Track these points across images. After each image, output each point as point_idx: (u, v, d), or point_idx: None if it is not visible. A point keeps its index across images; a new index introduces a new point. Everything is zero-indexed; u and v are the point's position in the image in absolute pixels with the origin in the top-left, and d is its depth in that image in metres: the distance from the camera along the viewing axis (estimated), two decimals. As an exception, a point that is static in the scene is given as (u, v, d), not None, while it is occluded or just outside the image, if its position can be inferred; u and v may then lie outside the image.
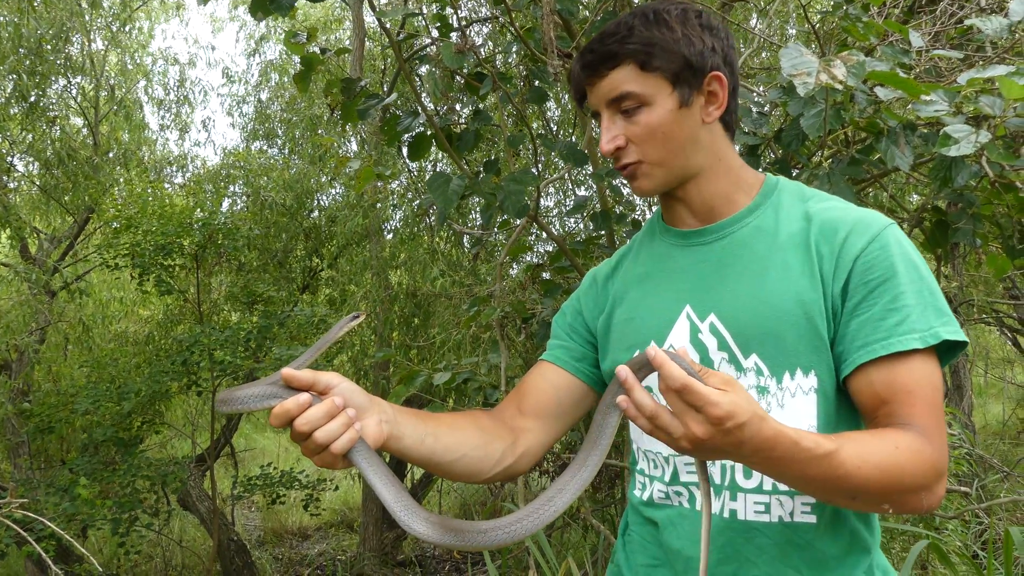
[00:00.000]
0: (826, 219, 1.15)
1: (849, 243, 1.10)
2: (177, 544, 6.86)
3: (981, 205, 2.11)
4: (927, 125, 1.90)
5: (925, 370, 1.05)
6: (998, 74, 1.57)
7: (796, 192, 1.23)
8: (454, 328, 5.28)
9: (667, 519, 1.20)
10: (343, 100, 2.66)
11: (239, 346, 5.52)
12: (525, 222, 2.87)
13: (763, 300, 1.13)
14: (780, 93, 2.15)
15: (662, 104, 1.15)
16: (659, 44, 1.14)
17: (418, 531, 1.01)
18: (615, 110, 1.17)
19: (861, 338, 1.07)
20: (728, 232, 1.21)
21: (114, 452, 5.50)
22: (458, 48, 2.10)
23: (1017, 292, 5.71)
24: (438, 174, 2.22)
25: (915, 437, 1.01)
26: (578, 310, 1.38)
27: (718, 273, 1.19)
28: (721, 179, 1.22)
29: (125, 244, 5.64)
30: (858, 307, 1.08)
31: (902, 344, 1.04)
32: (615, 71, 1.15)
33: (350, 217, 6.46)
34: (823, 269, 1.11)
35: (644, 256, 1.32)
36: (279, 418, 0.99)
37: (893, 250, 1.09)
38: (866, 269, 1.08)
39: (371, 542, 6.37)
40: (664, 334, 1.21)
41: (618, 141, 1.17)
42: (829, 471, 0.94)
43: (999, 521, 4.17)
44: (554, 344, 1.38)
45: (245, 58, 10.12)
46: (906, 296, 1.06)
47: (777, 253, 1.15)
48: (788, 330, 1.11)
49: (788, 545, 1.11)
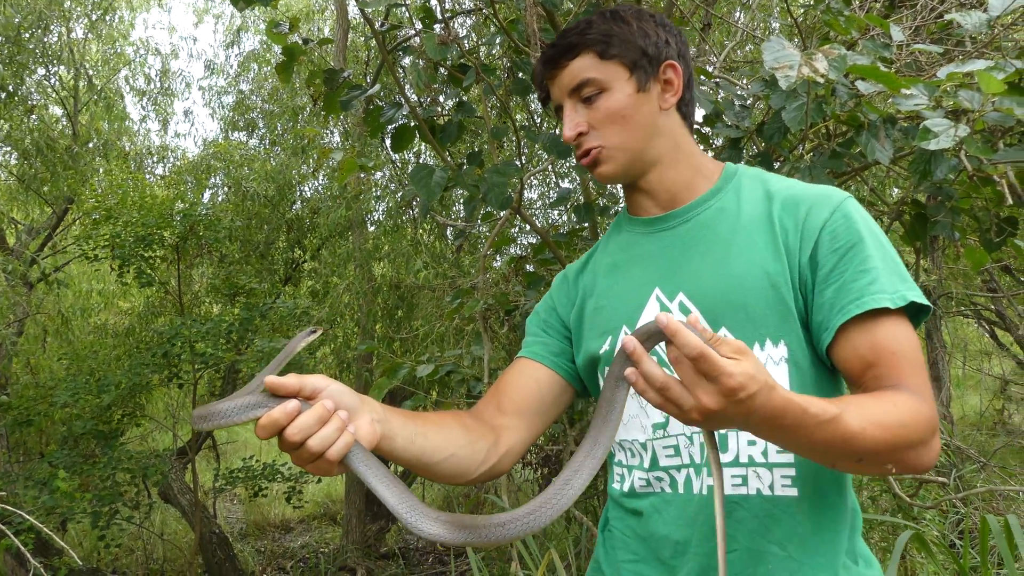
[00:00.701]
0: (788, 195, 1.19)
1: (813, 215, 1.14)
2: (158, 537, 6.81)
3: (960, 198, 2.13)
4: (907, 119, 1.91)
5: (901, 331, 1.08)
6: (977, 68, 1.58)
7: (756, 175, 1.27)
8: (437, 320, 5.28)
9: (651, 507, 1.20)
10: (325, 91, 2.64)
11: (220, 338, 5.49)
12: (508, 214, 2.87)
13: (728, 274, 1.16)
14: (762, 86, 2.16)
15: (620, 89, 1.21)
16: (616, 35, 1.21)
17: (428, 532, 0.95)
18: (576, 99, 1.22)
19: (838, 303, 1.10)
20: (692, 215, 1.25)
21: (94, 445, 5.45)
22: (441, 40, 2.09)
23: (995, 285, 5.77)
24: (421, 166, 2.21)
25: (909, 396, 1.03)
26: (552, 307, 1.39)
27: (684, 254, 1.22)
28: (681, 166, 1.26)
29: (105, 235, 5.59)
30: (830, 275, 1.11)
31: (875, 302, 1.07)
32: (575, 61, 1.21)
33: (333, 209, 6.43)
34: (788, 242, 1.15)
35: (611, 247, 1.35)
36: (266, 429, 0.93)
37: (856, 219, 1.13)
38: (832, 238, 1.12)
39: (354, 534, 6.36)
40: (635, 317, 1.23)
41: (580, 127, 1.22)
42: (836, 435, 0.94)
43: (975, 511, 4.23)
44: (531, 341, 1.38)
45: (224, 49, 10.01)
46: (873, 260, 1.10)
47: (741, 231, 1.19)
48: (755, 301, 1.13)
49: (768, 519, 1.12)
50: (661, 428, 1.20)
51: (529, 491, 6.29)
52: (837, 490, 1.15)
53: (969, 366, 10.11)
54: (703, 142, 2.68)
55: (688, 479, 1.17)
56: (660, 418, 1.20)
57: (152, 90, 9.21)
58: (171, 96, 9.54)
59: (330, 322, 6.53)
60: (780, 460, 1.13)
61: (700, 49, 3.60)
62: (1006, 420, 8.22)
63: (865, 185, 3.17)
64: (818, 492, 1.13)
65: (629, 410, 1.23)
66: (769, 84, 2.07)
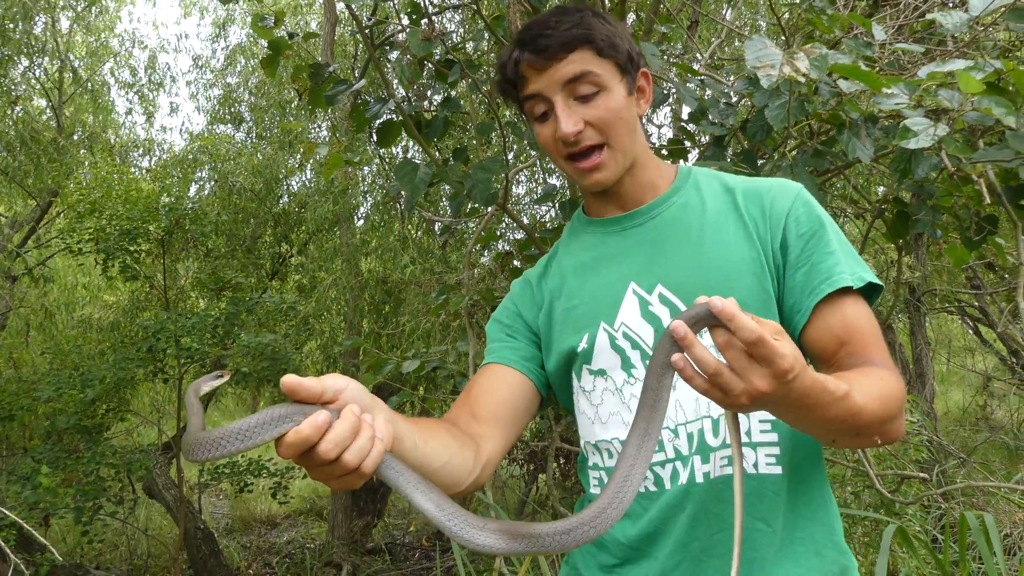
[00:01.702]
0: (747, 186, 1.25)
1: (776, 203, 1.20)
2: (143, 533, 6.78)
3: (941, 197, 2.15)
4: (888, 117, 1.93)
5: (863, 309, 1.15)
6: (957, 68, 1.60)
7: (709, 173, 1.32)
8: (424, 316, 5.27)
9: (638, 507, 1.20)
10: (311, 85, 2.63)
11: (206, 333, 5.46)
12: (494, 210, 2.87)
13: (706, 263, 1.19)
14: (747, 84, 2.17)
15: (616, 90, 1.20)
16: (609, 35, 1.19)
17: (479, 543, 0.86)
18: (569, 94, 1.19)
19: (809, 285, 1.15)
20: (657, 212, 1.27)
21: (78, 440, 5.41)
22: (425, 36, 2.08)
23: (978, 282, 5.82)
24: (405, 161, 2.20)
25: (887, 371, 1.08)
26: (515, 313, 1.36)
27: (656, 249, 1.24)
28: (648, 169, 1.29)
29: (89, 229, 5.53)
30: (799, 258, 1.17)
31: (842, 281, 1.12)
32: (573, 53, 1.17)
33: (320, 203, 6.40)
34: (758, 230, 1.19)
35: (575, 248, 1.34)
36: (294, 447, 0.81)
37: (814, 205, 1.21)
38: (797, 224, 1.18)
39: (340, 530, 6.36)
40: (613, 313, 1.23)
41: (579, 124, 1.18)
42: (846, 411, 0.95)
43: (958, 505, 4.28)
44: (498, 346, 1.33)
45: (209, 43, 9.92)
46: (833, 244, 1.17)
47: (710, 222, 1.22)
48: (736, 287, 1.16)
49: (754, 496, 1.14)
50: None
51: (516, 487, 6.30)
52: (816, 467, 1.19)
53: (953, 362, 10.20)
54: (689, 139, 2.69)
55: (675, 472, 1.17)
56: None
57: (138, 82, 9.14)
58: (159, 87, 9.48)
59: (316, 317, 6.52)
60: (764, 439, 1.16)
61: (687, 46, 3.61)
62: (988, 416, 8.30)
63: (848, 183, 3.19)
64: (800, 469, 1.16)
65: (608, 408, 1.23)
66: (753, 82, 2.08)
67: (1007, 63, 1.57)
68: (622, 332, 1.22)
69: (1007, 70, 1.57)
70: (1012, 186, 2.02)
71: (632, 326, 1.21)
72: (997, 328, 5.61)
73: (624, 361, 1.21)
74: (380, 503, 6.83)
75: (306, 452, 0.82)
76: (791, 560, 1.14)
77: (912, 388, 5.84)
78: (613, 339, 1.22)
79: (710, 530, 1.14)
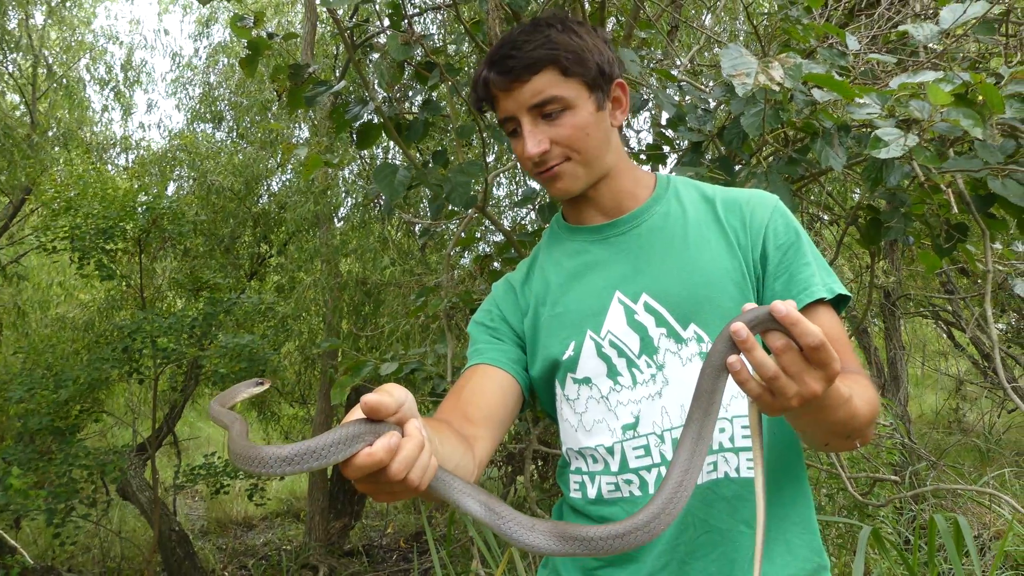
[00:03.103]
0: (726, 196, 1.28)
1: (756, 214, 1.24)
2: (116, 535, 6.70)
3: (913, 204, 2.19)
4: (861, 127, 1.96)
5: (836, 320, 1.20)
6: (927, 80, 1.63)
7: (687, 182, 1.34)
8: (403, 318, 5.26)
9: (622, 512, 1.20)
10: (291, 86, 2.62)
11: (183, 333, 5.41)
12: (473, 213, 2.87)
13: (691, 272, 1.21)
14: (724, 91, 2.19)
15: (583, 107, 1.22)
16: (576, 51, 1.20)
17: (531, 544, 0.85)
18: (536, 115, 1.21)
19: (788, 294, 1.18)
20: (640, 221, 1.29)
21: (50, 441, 5.34)
22: (404, 39, 2.08)
23: (952, 287, 5.91)
24: (384, 164, 2.20)
25: (866, 377, 1.13)
26: (499, 316, 1.36)
27: (641, 257, 1.25)
28: (625, 177, 1.31)
29: (64, 227, 5.46)
30: (778, 268, 1.20)
31: (819, 292, 1.17)
32: (538, 76, 1.19)
33: (300, 204, 6.36)
34: (739, 240, 1.23)
35: (558, 255, 1.35)
36: (366, 469, 0.78)
37: (790, 217, 1.25)
38: (775, 235, 1.22)
39: (317, 532, 6.32)
40: (600, 321, 1.24)
41: (544, 145, 1.21)
42: (849, 413, 0.98)
43: (929, 508, 4.34)
44: (485, 348, 1.32)
45: (191, 41, 9.87)
46: (808, 255, 1.21)
47: (692, 231, 1.25)
48: (720, 296, 1.19)
49: (737, 500, 1.16)
50: (631, 429, 1.20)
51: (494, 489, 6.30)
52: (795, 471, 1.23)
53: (928, 366, 10.34)
54: (667, 144, 2.72)
55: (660, 477, 1.18)
56: (630, 419, 1.21)
57: (114, 79, 9.04)
58: (137, 84, 9.38)
59: (295, 318, 6.48)
60: (745, 444, 1.18)
61: (666, 52, 3.63)
62: (961, 419, 8.42)
63: (823, 190, 3.23)
64: (777, 472, 1.20)
65: (593, 416, 1.24)
66: (730, 89, 2.10)
67: (975, 76, 1.60)
68: (608, 340, 1.23)
69: (975, 82, 1.60)
70: (981, 195, 2.06)
71: (618, 334, 1.22)
72: (967, 332, 5.70)
73: (610, 369, 1.22)
74: (357, 505, 6.80)
75: (377, 474, 0.80)
76: (765, 559, 1.16)
77: (887, 391, 5.92)
78: (599, 347, 1.23)
79: (696, 533, 1.16)
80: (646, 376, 1.20)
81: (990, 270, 2.02)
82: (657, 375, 1.20)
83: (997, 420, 7.71)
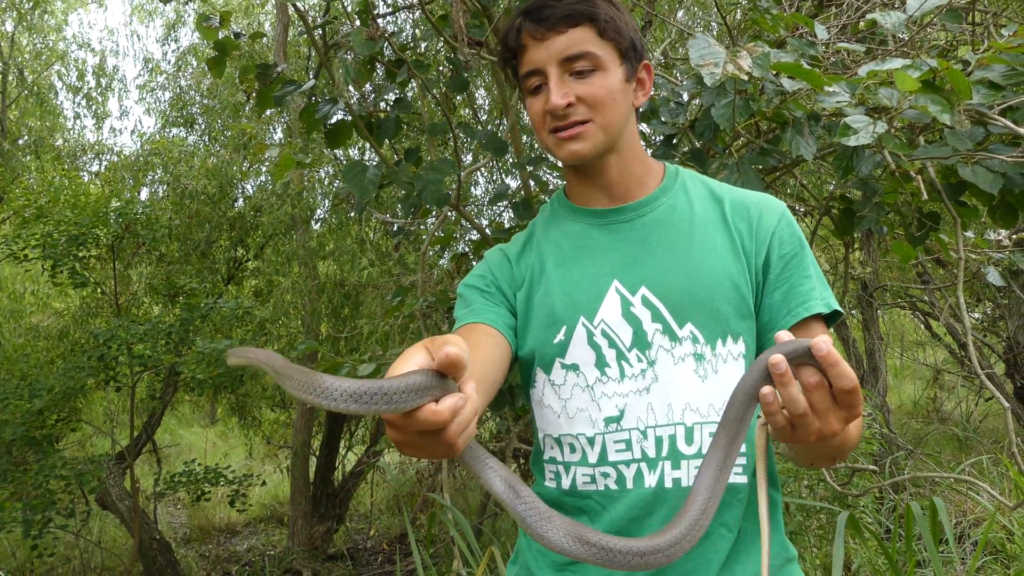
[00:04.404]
0: (735, 198, 1.26)
1: (764, 220, 1.22)
2: (96, 545, 6.61)
3: (885, 194, 2.20)
4: (831, 116, 1.96)
5: (828, 334, 1.17)
6: (894, 67, 1.63)
7: (696, 176, 1.32)
8: (381, 319, 5.23)
9: (596, 505, 1.19)
10: (259, 86, 2.59)
11: (160, 340, 5.34)
12: (447, 211, 2.85)
13: (693, 271, 1.19)
14: (695, 83, 2.19)
15: (614, 72, 1.20)
16: (614, 17, 1.19)
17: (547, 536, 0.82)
18: (566, 69, 1.18)
19: (787, 306, 1.17)
20: (647, 211, 1.26)
21: (26, 451, 5.25)
22: (369, 35, 2.06)
23: (928, 277, 5.96)
24: (354, 163, 2.18)
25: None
26: (493, 283, 1.31)
27: (644, 249, 1.22)
28: (636, 161, 1.28)
29: (36, 234, 5.38)
30: (779, 278, 1.19)
31: (817, 307, 1.16)
32: (575, 29, 1.17)
33: (276, 207, 6.30)
34: (744, 244, 1.21)
35: (557, 235, 1.31)
36: (427, 424, 0.74)
37: (796, 227, 1.24)
38: (780, 243, 1.21)
39: (300, 536, 6.27)
40: (594, 308, 1.21)
41: (570, 97, 1.17)
42: (842, 439, 0.97)
43: (909, 497, 4.38)
44: (481, 308, 1.27)
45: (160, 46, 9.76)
46: (810, 268, 1.20)
47: (698, 228, 1.22)
48: (720, 299, 1.17)
49: (722, 504, 1.15)
50: (615, 422, 1.18)
51: (476, 487, 6.28)
52: (772, 479, 1.21)
53: (906, 356, 10.45)
54: (642, 139, 2.71)
55: (639, 473, 1.16)
56: (614, 412, 1.18)
57: (86, 85, 8.92)
58: (108, 92, 9.27)
59: (274, 322, 6.42)
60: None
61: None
62: (939, 408, 8.51)
63: (796, 181, 3.24)
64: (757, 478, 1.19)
65: (577, 404, 1.21)
66: (701, 81, 2.10)
67: (942, 62, 1.61)
68: (601, 329, 1.20)
69: (942, 69, 1.60)
70: (952, 183, 2.07)
71: (612, 324, 1.20)
72: (940, 320, 5.76)
73: (599, 359, 1.20)
74: (341, 508, 6.76)
75: (432, 432, 0.76)
76: (734, 557, 1.18)
77: (866, 382, 5.96)
78: (591, 335, 1.20)
79: None
80: (635, 370, 1.18)
81: (962, 257, 2.03)
82: (647, 371, 1.18)
83: (975, 409, 7.80)
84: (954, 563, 3.55)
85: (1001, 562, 3.76)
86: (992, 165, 1.83)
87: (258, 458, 10.05)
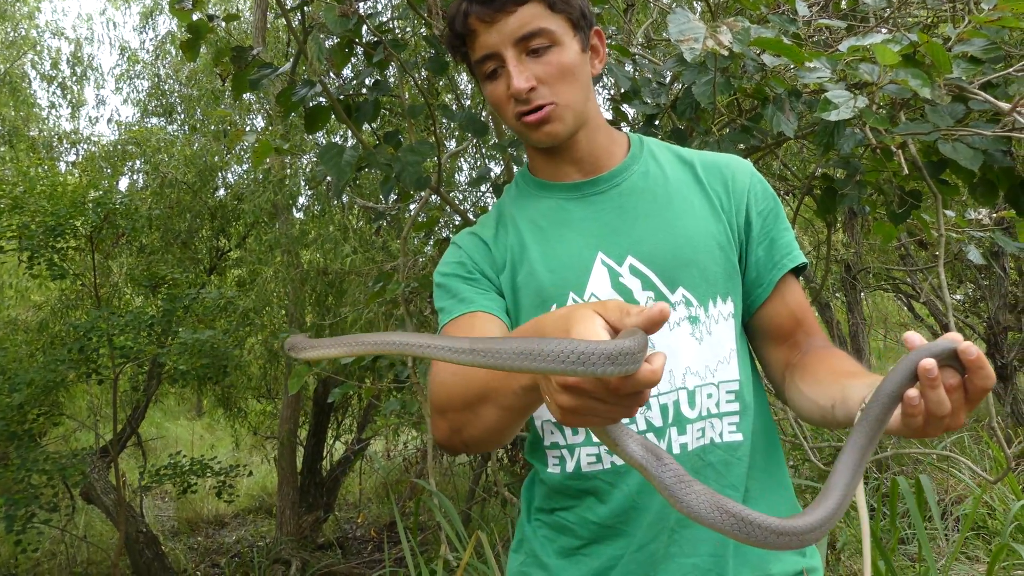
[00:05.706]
0: (705, 160, 1.27)
1: (737, 179, 1.23)
2: (82, 540, 6.57)
3: (867, 172, 2.19)
4: (812, 92, 1.94)
5: (800, 287, 1.23)
6: (875, 42, 1.61)
7: (659, 143, 1.32)
8: (364, 306, 5.19)
9: (604, 484, 1.16)
10: (235, 70, 2.54)
11: (142, 331, 5.28)
12: (427, 195, 2.82)
13: (677, 234, 1.18)
14: (676, 62, 2.16)
15: (570, 45, 1.17)
16: None
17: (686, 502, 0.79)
18: (522, 49, 1.14)
19: (771, 259, 1.20)
20: (620, 180, 1.24)
21: (8, 446, 5.19)
22: (342, 11, 2.02)
23: (911, 259, 6.00)
24: (330, 145, 2.14)
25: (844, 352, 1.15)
26: (476, 268, 1.25)
27: (623, 218, 1.21)
28: (601, 132, 1.26)
29: (11, 226, 5.29)
30: (760, 234, 1.21)
31: (799, 258, 1.20)
32: (524, 7, 1.13)
33: (258, 195, 6.23)
34: (723, 204, 1.21)
35: (532, 214, 1.27)
36: (639, 385, 0.69)
37: (766, 184, 1.26)
38: (756, 201, 1.22)
39: (288, 526, 6.25)
40: (583, 282, 1.18)
41: (532, 80, 1.14)
42: None
43: (892, 475, 4.41)
44: (474, 297, 1.22)
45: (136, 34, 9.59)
46: (785, 221, 1.24)
47: (675, 192, 1.22)
48: (707, 259, 1.17)
49: (723, 465, 1.16)
50: None
51: (463, 474, 6.28)
52: (768, 432, 1.23)
53: (890, 338, 10.53)
54: (622, 119, 2.69)
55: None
56: None
57: (60, 74, 8.78)
58: (84, 80, 9.13)
59: (258, 311, 6.36)
60: (727, 409, 1.18)
61: (621, 28, 3.61)
62: (922, 388, 8.57)
63: (779, 161, 3.23)
64: (755, 434, 1.20)
65: None
66: (682, 60, 2.07)
67: (922, 36, 1.59)
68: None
69: (922, 43, 1.59)
70: (933, 161, 2.06)
71: (602, 297, 1.17)
72: (921, 298, 5.80)
73: None
74: (329, 497, 6.74)
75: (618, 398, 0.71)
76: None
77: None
78: None
79: None
80: None
81: (943, 234, 2.02)
82: None
83: (957, 387, 7.87)
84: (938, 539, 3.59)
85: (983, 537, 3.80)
86: (973, 142, 1.83)
87: (245, 449, 10.00)
